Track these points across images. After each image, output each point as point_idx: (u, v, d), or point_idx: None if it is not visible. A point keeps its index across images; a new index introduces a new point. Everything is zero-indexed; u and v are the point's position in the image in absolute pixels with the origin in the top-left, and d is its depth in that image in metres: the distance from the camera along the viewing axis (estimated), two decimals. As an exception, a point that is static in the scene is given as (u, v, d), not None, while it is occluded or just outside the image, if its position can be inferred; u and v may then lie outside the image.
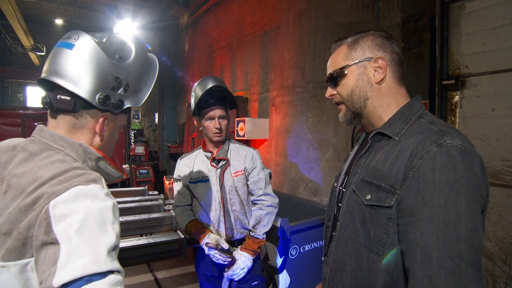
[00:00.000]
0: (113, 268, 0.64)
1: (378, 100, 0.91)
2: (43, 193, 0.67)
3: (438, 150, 0.74)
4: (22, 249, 0.64)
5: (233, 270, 1.66)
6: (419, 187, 0.73)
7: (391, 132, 0.87)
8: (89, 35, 0.83)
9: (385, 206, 0.80)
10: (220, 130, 1.69)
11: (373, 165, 0.87)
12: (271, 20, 4.08)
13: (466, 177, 0.71)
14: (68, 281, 0.58)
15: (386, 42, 0.91)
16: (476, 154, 0.75)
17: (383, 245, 0.80)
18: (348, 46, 0.93)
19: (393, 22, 2.48)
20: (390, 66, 0.90)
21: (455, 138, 0.75)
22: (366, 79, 0.91)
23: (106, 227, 0.67)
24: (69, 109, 0.80)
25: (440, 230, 0.69)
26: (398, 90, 0.92)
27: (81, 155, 0.81)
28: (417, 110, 0.88)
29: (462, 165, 0.72)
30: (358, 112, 0.94)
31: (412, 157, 0.77)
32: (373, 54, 0.90)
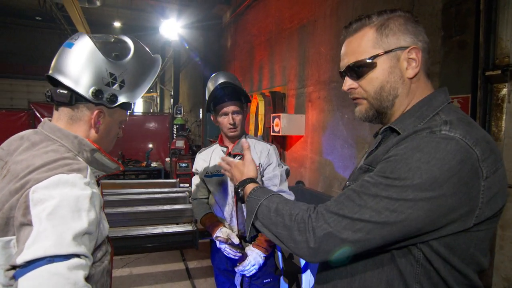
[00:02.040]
0: (77, 252, 0.67)
1: (406, 98, 0.78)
2: (30, 179, 0.73)
3: (426, 135, 0.65)
4: (5, 227, 0.71)
5: (243, 266, 1.64)
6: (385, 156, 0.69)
7: (401, 128, 0.74)
8: (89, 36, 0.89)
9: None
10: (234, 126, 1.68)
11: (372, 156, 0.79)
12: (308, 13, 3.96)
13: (433, 165, 0.61)
14: (30, 260, 0.62)
15: (418, 28, 0.77)
16: (474, 155, 0.63)
17: None
18: (377, 29, 0.76)
19: (435, 8, 2.25)
20: (423, 57, 0.76)
21: (457, 130, 0.64)
22: (399, 73, 0.76)
23: (80, 214, 0.71)
24: (66, 101, 0.86)
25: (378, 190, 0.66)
26: (426, 84, 0.79)
27: (76, 146, 0.87)
28: (437, 105, 0.74)
29: (439, 153, 0.61)
30: (383, 111, 0.80)
31: (399, 140, 0.70)
32: (407, 42, 0.75)
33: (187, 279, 3.31)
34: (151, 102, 17.75)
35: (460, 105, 1.88)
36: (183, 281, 3.28)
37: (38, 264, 0.62)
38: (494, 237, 1.69)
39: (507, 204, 1.63)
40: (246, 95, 1.73)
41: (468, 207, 0.64)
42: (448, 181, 0.61)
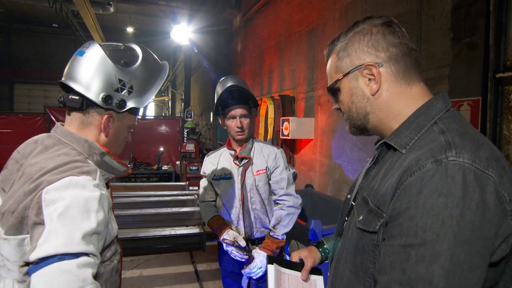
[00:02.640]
0: (86, 251, 0.70)
1: (382, 112, 0.74)
2: (43, 181, 0.76)
3: (433, 168, 0.58)
4: (20, 226, 0.75)
5: (250, 268, 1.65)
6: (401, 209, 0.60)
7: (398, 143, 0.70)
8: (99, 44, 0.93)
9: (369, 231, 0.67)
10: (241, 129, 1.70)
11: (375, 180, 0.73)
12: (317, 17, 3.97)
13: (462, 208, 0.55)
14: (42, 257, 0.66)
15: (380, 36, 0.72)
16: (490, 179, 0.57)
17: (370, 275, 0.68)
18: (337, 55, 0.78)
19: (445, 10, 2.22)
20: (388, 67, 0.72)
21: (464, 154, 0.58)
22: (361, 93, 0.75)
23: (89, 214, 0.74)
24: (77, 107, 0.90)
25: (409, 265, 0.56)
26: (410, 91, 0.73)
27: (86, 149, 0.90)
28: (435, 113, 0.68)
29: (460, 191, 0.55)
30: (361, 128, 0.79)
31: (403, 172, 0.62)
32: (362, 60, 0.73)
33: (196, 282, 3.33)
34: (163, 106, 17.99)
35: (470, 108, 1.85)
36: (192, 283, 3.30)
37: (49, 262, 0.65)
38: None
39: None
40: (254, 99, 1.75)
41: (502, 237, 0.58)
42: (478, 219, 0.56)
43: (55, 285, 0.64)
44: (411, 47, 0.73)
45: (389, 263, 0.60)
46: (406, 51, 0.72)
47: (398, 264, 0.58)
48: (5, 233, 0.75)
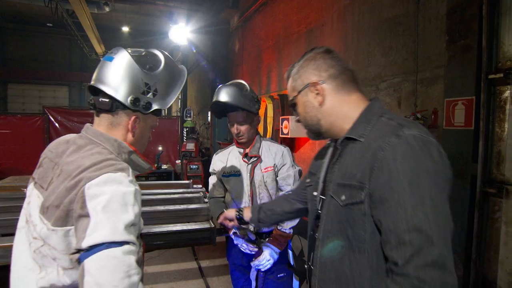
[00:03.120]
0: (128, 240, 0.78)
1: (331, 117, 0.97)
2: (83, 177, 0.84)
3: (398, 141, 0.79)
4: (66, 218, 0.82)
5: (259, 261, 1.74)
6: (385, 177, 0.78)
7: (356, 134, 0.90)
8: (126, 50, 1.01)
9: (357, 202, 0.83)
10: (239, 134, 1.79)
11: (345, 168, 0.91)
12: (316, 17, 4.06)
13: (425, 162, 0.77)
14: (92, 244, 0.74)
15: (321, 62, 0.97)
16: (433, 141, 0.80)
17: (362, 241, 0.83)
18: (292, 78, 1.03)
19: (440, 12, 2.33)
20: (330, 83, 0.96)
21: (412, 129, 0.81)
22: (311, 105, 0.98)
23: (127, 208, 0.82)
24: (107, 109, 0.97)
25: (408, 214, 0.74)
26: (349, 98, 0.96)
27: (116, 148, 0.98)
28: (376, 110, 0.93)
29: (420, 152, 0.77)
30: (317, 131, 1.01)
31: (375, 151, 0.82)
32: (309, 80, 0.97)
33: (200, 277, 3.42)
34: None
35: (464, 107, 1.95)
36: (197, 279, 3.38)
37: (98, 249, 0.73)
38: (498, 233, 1.77)
39: (510, 201, 1.70)
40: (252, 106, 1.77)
41: None
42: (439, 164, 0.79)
43: (106, 269, 0.72)
44: (345, 67, 0.98)
45: (392, 221, 0.76)
46: (342, 70, 0.97)
47: (400, 218, 0.74)
48: (53, 225, 0.82)
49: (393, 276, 0.75)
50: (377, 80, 2.99)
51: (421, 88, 2.45)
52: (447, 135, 2.09)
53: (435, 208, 0.74)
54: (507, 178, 1.74)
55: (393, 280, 0.75)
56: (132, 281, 0.74)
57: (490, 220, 1.81)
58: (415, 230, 0.72)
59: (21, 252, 0.95)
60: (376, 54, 3.00)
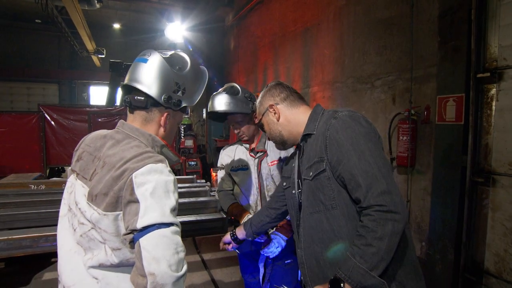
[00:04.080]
0: (174, 222, 0.90)
1: (288, 126, 1.29)
2: (127, 168, 0.94)
3: (335, 121, 1.10)
4: (116, 204, 0.93)
5: (268, 248, 1.86)
6: (335, 146, 1.07)
7: (309, 130, 1.20)
8: (158, 52, 1.10)
9: (322, 171, 1.11)
10: (239, 134, 1.91)
11: (308, 155, 1.19)
12: (312, 17, 4.18)
13: (357, 128, 1.07)
14: (146, 225, 0.85)
15: (273, 90, 1.33)
16: (359, 115, 1.11)
17: (332, 198, 1.10)
18: (257, 107, 1.38)
19: (432, 15, 2.47)
20: (282, 103, 1.30)
21: (344, 111, 1.12)
22: (272, 121, 1.32)
23: (169, 194, 0.93)
24: (142, 106, 1.07)
25: (357, 163, 1.02)
26: (298, 109, 1.29)
27: (150, 142, 1.08)
28: (320, 110, 1.24)
29: (352, 123, 1.08)
30: (282, 141, 1.33)
31: (323, 132, 1.12)
32: (267, 104, 1.32)
33: (204, 270, 3.53)
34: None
35: (455, 103, 2.11)
36: (201, 271, 3.50)
37: (151, 229, 0.84)
38: (485, 218, 1.94)
39: (496, 189, 1.87)
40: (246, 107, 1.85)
41: None
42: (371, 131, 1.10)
43: (160, 246, 0.83)
44: (292, 91, 1.33)
45: (349, 172, 1.04)
46: (289, 93, 1.32)
47: (353, 168, 1.02)
48: (104, 210, 0.93)
49: (362, 211, 1.01)
50: (372, 77, 3.13)
51: (415, 86, 2.60)
52: (440, 129, 2.25)
53: (373, 155, 1.02)
54: (493, 168, 1.91)
55: (363, 214, 1.00)
56: (180, 256, 0.86)
57: (479, 207, 1.98)
58: (364, 172, 1.00)
59: (66, 237, 1.05)
60: (371, 53, 3.14)
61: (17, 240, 1.71)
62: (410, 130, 2.51)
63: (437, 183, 2.25)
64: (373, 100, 3.13)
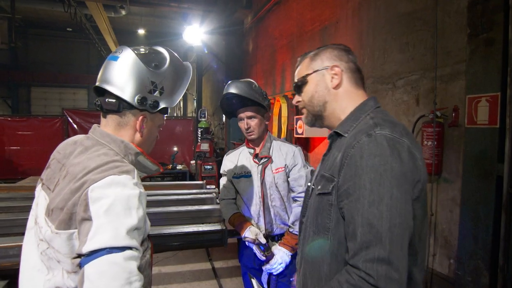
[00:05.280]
0: (130, 245, 0.76)
1: (336, 103, 1.01)
2: (87, 179, 0.82)
3: (367, 139, 0.83)
4: (69, 221, 0.81)
5: (271, 265, 1.69)
6: (351, 173, 0.83)
7: (342, 130, 0.96)
8: (131, 48, 0.98)
9: (326, 193, 0.91)
10: (249, 129, 1.75)
11: (328, 160, 0.98)
12: (330, 15, 3.97)
13: (391, 162, 0.79)
14: (93, 250, 0.72)
15: (343, 53, 1.02)
16: (405, 143, 0.83)
17: (327, 229, 0.90)
18: (310, 58, 1.05)
19: (461, 5, 2.21)
20: (346, 73, 1.01)
21: (385, 129, 0.84)
22: (324, 85, 1.01)
23: (130, 211, 0.79)
24: (114, 109, 0.95)
25: (365, 209, 0.77)
26: (356, 93, 1.01)
27: (122, 150, 0.96)
28: (368, 108, 0.97)
29: (387, 152, 0.80)
30: (318, 114, 1.04)
31: (346, 148, 0.87)
32: (330, 63, 1.01)
33: (214, 278, 3.40)
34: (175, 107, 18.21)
35: (488, 103, 1.85)
36: (210, 280, 3.37)
37: (99, 254, 0.71)
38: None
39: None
40: (261, 99, 1.74)
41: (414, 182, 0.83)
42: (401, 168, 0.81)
43: (106, 275, 0.69)
44: (358, 68, 1.04)
45: (351, 214, 0.81)
46: (357, 69, 1.03)
47: (357, 212, 0.79)
48: (56, 228, 0.81)
49: (347, 265, 0.81)
50: (394, 77, 2.88)
51: (441, 85, 2.34)
52: (470, 134, 1.99)
53: (392, 208, 0.76)
54: (536, 179, 1.63)
55: (346, 269, 0.80)
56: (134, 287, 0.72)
57: (518, 224, 1.70)
58: (368, 225, 0.76)
59: (30, 252, 0.94)
60: (392, 50, 2.90)
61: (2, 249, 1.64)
62: (436, 134, 2.26)
63: (467, 194, 1.99)
64: (395, 101, 2.88)
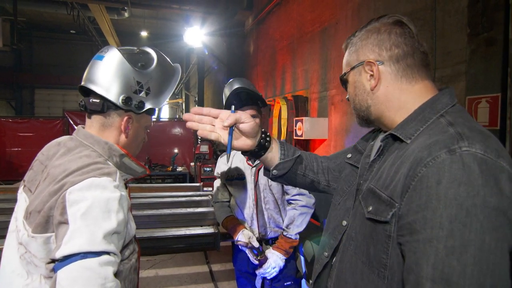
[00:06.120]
0: (107, 250, 0.73)
1: (383, 105, 0.78)
2: (66, 182, 0.79)
3: (449, 158, 0.59)
4: (46, 225, 0.78)
5: (264, 269, 1.65)
6: (420, 202, 0.59)
7: (403, 134, 0.71)
8: (117, 48, 0.95)
9: (382, 221, 0.67)
10: None
11: (381, 172, 0.74)
12: (330, 16, 3.94)
13: (484, 195, 0.55)
14: (67, 255, 0.69)
15: (384, 36, 0.75)
16: (504, 168, 0.58)
17: (383, 266, 0.68)
18: (349, 49, 0.83)
19: (461, 5, 2.17)
20: (389, 66, 0.75)
21: (475, 144, 0.59)
22: (362, 87, 0.79)
23: (109, 215, 0.76)
24: (98, 109, 0.92)
25: (439, 259, 0.55)
26: (412, 88, 0.75)
27: (106, 151, 0.93)
28: (441, 107, 0.71)
29: (480, 180, 0.56)
30: (365, 118, 0.82)
31: (415, 164, 0.62)
32: (366, 56, 0.77)
33: (211, 282, 3.36)
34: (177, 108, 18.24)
35: (489, 105, 1.80)
36: (207, 284, 3.33)
37: (73, 259, 0.68)
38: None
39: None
40: (261, 99, 1.74)
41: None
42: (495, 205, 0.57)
43: (79, 281, 0.66)
44: (416, 48, 0.75)
45: (415, 260, 0.58)
46: (409, 52, 0.75)
47: (426, 260, 0.57)
48: (33, 231, 0.78)
49: None
50: (394, 78, 2.85)
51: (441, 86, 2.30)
52: (470, 135, 1.94)
53: (482, 261, 0.54)
54: (537, 182, 1.58)
55: None
56: None
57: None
58: (442, 281, 0.55)
59: (11, 256, 0.91)
60: (392, 51, 2.86)
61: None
62: (436, 136, 2.21)
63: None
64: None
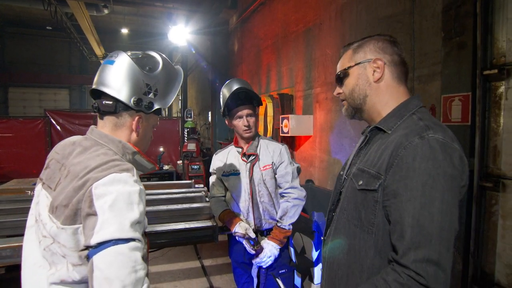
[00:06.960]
0: (134, 237, 0.82)
1: (377, 97, 1.01)
2: (90, 177, 0.87)
3: (420, 142, 0.84)
4: (74, 217, 0.86)
5: (260, 258, 1.77)
6: (402, 173, 0.83)
7: (385, 126, 0.97)
8: (126, 53, 1.04)
9: (371, 190, 0.90)
10: (248, 127, 1.82)
11: (368, 155, 0.98)
12: (314, 16, 4.08)
13: (444, 167, 0.80)
14: (100, 241, 0.78)
15: (388, 45, 1.00)
16: (456, 148, 0.84)
17: (371, 224, 0.91)
18: (353, 50, 1.04)
19: (436, 10, 2.35)
20: (389, 66, 0.99)
21: (437, 132, 0.85)
22: (365, 78, 1.01)
23: (132, 206, 0.86)
24: (111, 111, 1.01)
25: (416, 211, 0.79)
26: (397, 88, 1.00)
27: (120, 149, 1.01)
28: (412, 107, 0.97)
29: (441, 156, 0.81)
30: (358, 107, 1.04)
31: (397, 147, 0.87)
32: (373, 56, 0.99)
33: (204, 276, 3.45)
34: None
35: (461, 102, 1.98)
36: (200, 278, 3.42)
37: (106, 246, 0.77)
38: (495, 226, 1.79)
39: (507, 195, 1.73)
40: (258, 99, 1.86)
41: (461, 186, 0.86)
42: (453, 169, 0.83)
43: (114, 264, 0.75)
44: (404, 60, 1.02)
45: (399, 214, 0.81)
46: (401, 61, 1.01)
47: (407, 213, 0.80)
48: (62, 223, 0.86)
49: (393, 264, 0.81)
50: (375, 77, 3.01)
51: (419, 85, 2.47)
52: (444, 131, 2.11)
53: (443, 211, 0.78)
54: (503, 172, 1.77)
55: (393, 268, 0.80)
56: (139, 276, 0.78)
57: (488, 214, 1.83)
58: (418, 226, 0.77)
59: (31, 250, 0.99)
60: (373, 52, 3.02)
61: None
62: (414, 131, 2.38)
63: (443, 188, 2.11)
64: (376, 100, 3.00)
